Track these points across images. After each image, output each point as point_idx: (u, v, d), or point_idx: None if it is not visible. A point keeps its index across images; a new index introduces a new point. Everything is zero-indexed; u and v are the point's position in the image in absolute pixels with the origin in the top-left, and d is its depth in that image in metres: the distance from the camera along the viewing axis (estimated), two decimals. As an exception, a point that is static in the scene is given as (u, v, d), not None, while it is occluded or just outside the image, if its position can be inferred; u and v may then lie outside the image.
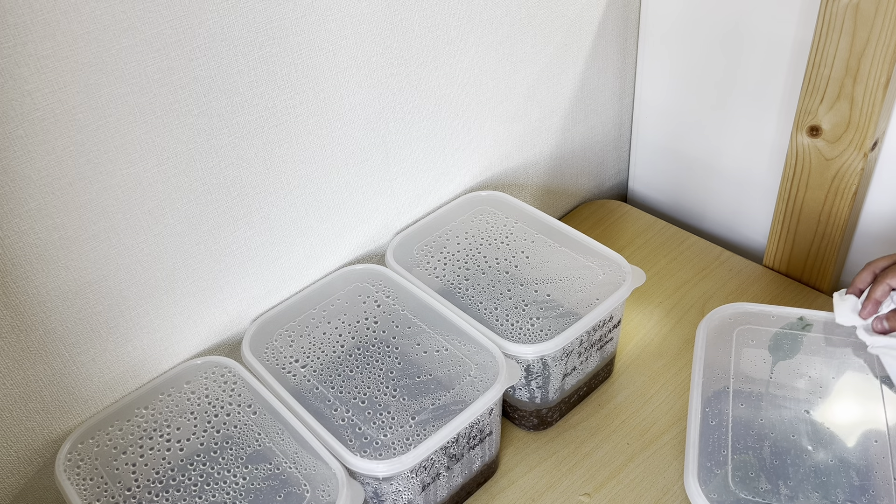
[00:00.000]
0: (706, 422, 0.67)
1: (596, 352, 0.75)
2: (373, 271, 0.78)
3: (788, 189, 0.85)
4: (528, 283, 0.77)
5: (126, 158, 0.59)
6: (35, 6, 0.50)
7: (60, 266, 0.59)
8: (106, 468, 0.63)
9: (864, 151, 0.77)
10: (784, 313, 0.73)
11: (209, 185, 0.65)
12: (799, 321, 0.72)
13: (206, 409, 0.67)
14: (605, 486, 0.70)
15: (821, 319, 0.72)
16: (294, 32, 0.64)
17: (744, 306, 0.75)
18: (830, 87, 0.76)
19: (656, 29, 0.94)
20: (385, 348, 0.72)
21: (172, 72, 0.58)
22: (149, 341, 0.67)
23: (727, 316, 0.75)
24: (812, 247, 0.86)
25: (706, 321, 0.74)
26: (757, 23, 0.84)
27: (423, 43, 0.74)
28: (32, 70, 0.52)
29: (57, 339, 0.61)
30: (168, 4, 0.56)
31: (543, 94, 0.90)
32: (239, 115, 0.64)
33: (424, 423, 0.65)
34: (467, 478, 0.69)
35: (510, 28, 0.81)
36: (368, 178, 0.77)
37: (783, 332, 0.72)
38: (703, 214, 1.02)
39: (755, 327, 0.73)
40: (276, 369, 0.69)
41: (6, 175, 0.53)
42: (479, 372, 0.68)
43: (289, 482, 0.62)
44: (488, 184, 0.90)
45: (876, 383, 0.68)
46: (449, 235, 0.82)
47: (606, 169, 1.06)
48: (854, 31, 0.72)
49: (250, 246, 0.70)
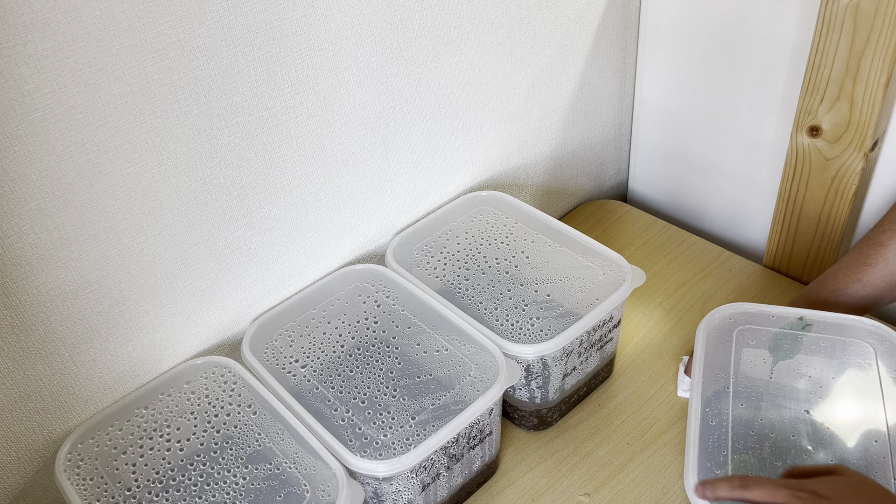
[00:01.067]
0: (706, 422, 0.67)
1: (596, 352, 0.75)
2: (373, 271, 0.78)
3: (788, 189, 0.85)
4: (528, 283, 0.77)
5: (126, 158, 0.59)
6: (35, 6, 0.50)
7: (60, 266, 0.59)
8: (106, 468, 0.63)
9: (864, 151, 0.77)
10: (784, 313, 0.73)
11: (209, 185, 0.65)
12: (799, 321, 0.72)
13: (206, 409, 0.67)
14: (605, 486, 0.70)
15: (821, 319, 0.72)
16: (294, 32, 0.64)
17: (744, 306, 0.74)
18: (830, 87, 0.76)
19: (656, 29, 0.94)
20: (385, 348, 0.72)
21: (172, 72, 0.58)
22: (149, 341, 0.67)
23: (727, 316, 0.75)
24: (812, 247, 0.86)
25: (706, 321, 0.74)
26: (757, 23, 0.84)
27: (423, 43, 0.74)
28: (32, 70, 0.52)
29: (57, 339, 0.61)
30: (168, 4, 0.56)
31: (543, 94, 0.90)
32: (239, 115, 0.64)
33: (424, 423, 0.65)
34: (467, 478, 0.69)
35: (510, 28, 0.81)
36: (368, 178, 0.77)
37: (783, 332, 0.72)
38: (703, 214, 1.02)
39: (755, 327, 0.73)
40: (276, 369, 0.69)
41: (6, 175, 0.53)
42: (479, 372, 0.68)
43: (289, 482, 0.62)
44: (488, 184, 0.90)
45: (876, 383, 0.68)
46: (449, 235, 0.82)
47: (606, 169, 1.06)
48: (854, 31, 0.72)
49: (250, 246, 0.70)
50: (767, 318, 0.74)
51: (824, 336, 0.72)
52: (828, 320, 0.72)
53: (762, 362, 0.71)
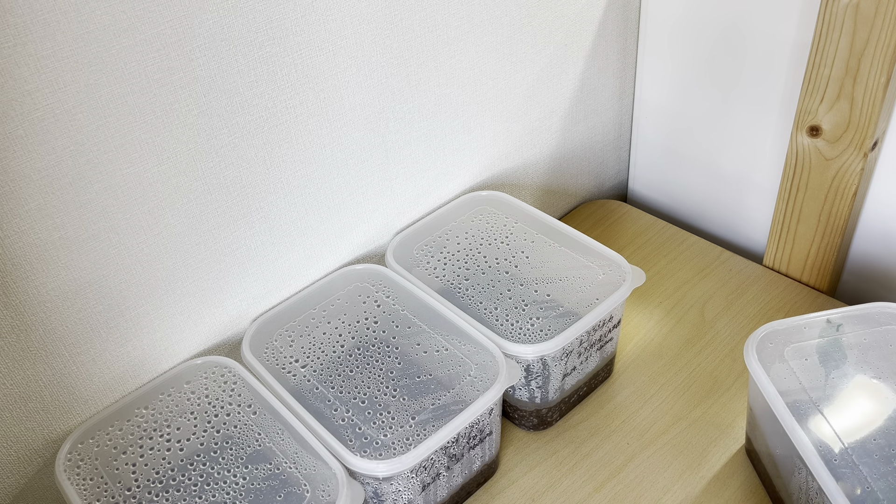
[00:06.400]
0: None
1: (596, 352, 0.75)
2: (373, 271, 0.78)
3: (788, 189, 0.85)
4: (528, 283, 0.77)
5: (126, 158, 0.59)
6: (35, 6, 0.50)
7: (60, 266, 0.59)
8: (106, 468, 0.63)
9: (864, 151, 0.77)
10: (810, 322, 0.69)
11: (209, 185, 0.65)
12: (828, 324, 0.70)
13: (206, 409, 0.67)
14: (605, 486, 0.70)
15: (844, 315, 0.69)
16: (294, 32, 0.64)
17: (770, 326, 0.69)
18: (830, 87, 0.76)
19: (656, 29, 0.94)
20: (385, 348, 0.72)
21: (172, 72, 0.58)
22: (149, 341, 0.67)
23: (765, 339, 0.69)
24: (812, 247, 0.86)
25: (753, 351, 0.68)
26: (757, 23, 0.84)
27: (423, 43, 0.74)
28: (32, 70, 0.52)
29: (57, 339, 0.61)
30: (168, 4, 0.56)
31: (543, 94, 0.90)
32: (239, 115, 0.64)
33: (424, 423, 0.65)
34: (467, 478, 0.69)
35: (510, 28, 0.81)
36: (368, 178, 0.77)
37: (824, 342, 0.69)
38: (703, 214, 1.02)
39: (795, 344, 0.69)
40: (276, 369, 0.69)
41: (6, 175, 0.53)
42: (479, 372, 0.68)
43: (289, 482, 0.62)
44: (488, 184, 0.90)
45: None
46: (449, 235, 0.82)
47: (606, 169, 1.06)
48: (854, 31, 0.72)
49: (250, 246, 0.70)
50: (800, 330, 0.69)
51: (858, 331, 0.69)
52: (851, 314, 0.69)
53: (819, 375, 0.67)
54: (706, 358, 0.81)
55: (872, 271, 0.88)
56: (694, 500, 0.69)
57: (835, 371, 0.67)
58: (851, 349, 0.69)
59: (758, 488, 0.70)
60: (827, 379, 0.67)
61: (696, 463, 0.72)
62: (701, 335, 0.84)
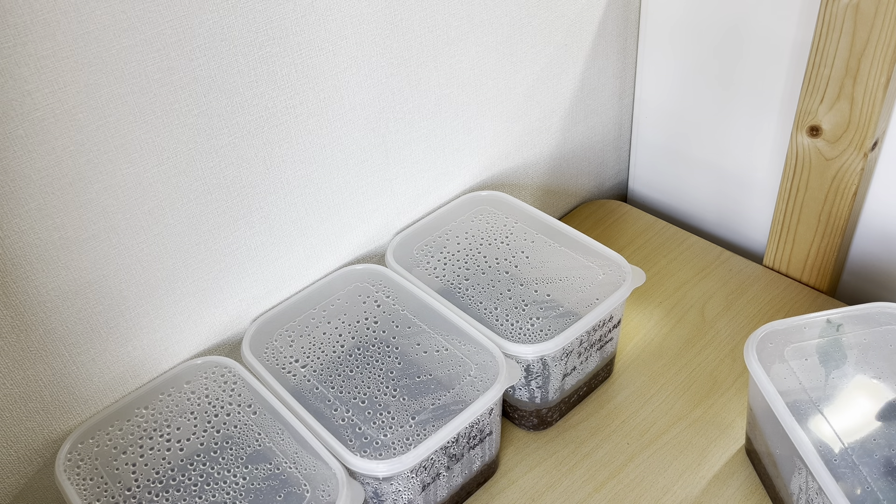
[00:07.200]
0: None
1: (596, 352, 0.75)
2: (373, 271, 0.78)
3: (788, 189, 0.85)
4: (528, 283, 0.77)
5: (126, 158, 0.59)
6: (35, 6, 0.50)
7: (60, 266, 0.59)
8: (106, 468, 0.63)
9: (864, 151, 0.77)
10: (810, 322, 0.69)
11: (209, 185, 0.65)
12: (829, 324, 0.70)
13: (206, 409, 0.67)
14: (605, 485, 0.70)
15: (844, 315, 0.69)
16: (294, 32, 0.64)
17: (770, 326, 0.69)
18: (830, 87, 0.76)
19: (656, 29, 0.94)
20: (385, 348, 0.72)
21: (172, 72, 0.58)
22: (149, 341, 0.67)
23: (765, 339, 0.69)
24: (812, 247, 0.86)
25: (753, 351, 0.68)
26: (757, 23, 0.84)
27: (423, 43, 0.74)
28: (32, 70, 0.52)
29: (57, 339, 0.61)
30: (168, 4, 0.56)
31: (543, 94, 0.90)
32: (239, 115, 0.64)
33: (424, 423, 0.65)
34: (467, 478, 0.69)
35: (510, 28, 0.81)
36: (368, 178, 0.77)
37: (824, 342, 0.69)
38: (703, 214, 1.02)
39: (795, 344, 0.69)
40: (276, 369, 0.69)
41: (6, 175, 0.53)
42: (479, 372, 0.68)
43: (289, 482, 0.62)
44: (488, 184, 0.90)
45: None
46: (449, 235, 0.82)
47: (606, 169, 1.06)
48: (854, 31, 0.72)
49: (250, 246, 0.70)
50: (800, 330, 0.69)
51: (858, 331, 0.69)
52: (851, 314, 0.69)
53: (818, 376, 0.67)
54: (706, 358, 0.81)
55: (872, 271, 0.88)
56: (694, 500, 0.69)
57: (835, 371, 0.68)
58: (851, 349, 0.69)
59: (758, 488, 0.70)
60: (827, 379, 0.67)
61: (696, 463, 0.72)
62: (701, 335, 0.84)
